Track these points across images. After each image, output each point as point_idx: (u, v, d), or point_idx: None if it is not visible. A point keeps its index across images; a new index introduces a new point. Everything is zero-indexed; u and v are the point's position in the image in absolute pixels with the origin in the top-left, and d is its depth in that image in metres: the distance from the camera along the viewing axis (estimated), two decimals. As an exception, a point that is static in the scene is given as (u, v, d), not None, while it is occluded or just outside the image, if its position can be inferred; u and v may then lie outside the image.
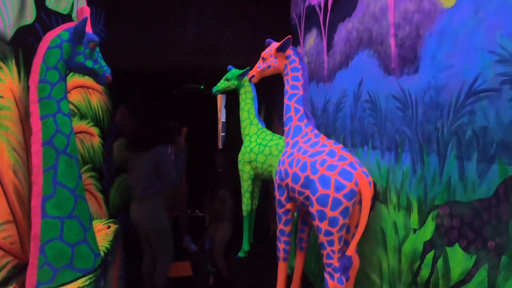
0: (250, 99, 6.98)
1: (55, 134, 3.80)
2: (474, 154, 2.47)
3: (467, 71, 2.55)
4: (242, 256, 7.55)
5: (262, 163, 6.56)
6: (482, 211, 2.41)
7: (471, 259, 2.52)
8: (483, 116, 2.40)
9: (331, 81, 5.26)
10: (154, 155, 5.87)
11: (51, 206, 3.76)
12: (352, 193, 3.53)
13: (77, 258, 3.93)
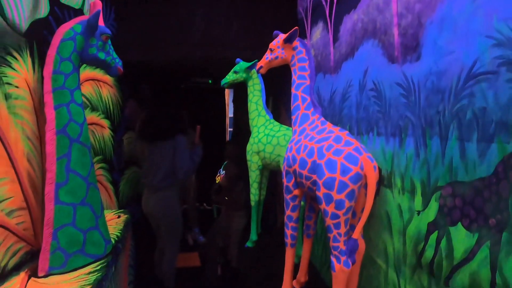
0: (258, 91, 7.08)
1: (68, 123, 3.88)
2: (474, 135, 2.55)
3: (466, 55, 2.64)
4: (250, 246, 7.68)
5: (270, 153, 6.66)
6: (483, 189, 2.48)
7: (473, 237, 2.59)
8: (482, 98, 2.48)
9: (337, 72, 5.33)
10: (172, 145, 5.90)
11: (64, 193, 3.84)
12: (358, 176, 3.60)
13: (88, 244, 4.01)
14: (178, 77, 11.14)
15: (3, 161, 3.40)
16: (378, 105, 4.00)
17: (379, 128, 4.01)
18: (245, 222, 7.66)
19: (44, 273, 3.68)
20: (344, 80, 5.04)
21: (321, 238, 6.08)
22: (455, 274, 2.79)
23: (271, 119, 7.05)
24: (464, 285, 2.70)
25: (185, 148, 5.95)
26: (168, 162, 5.88)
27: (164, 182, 5.92)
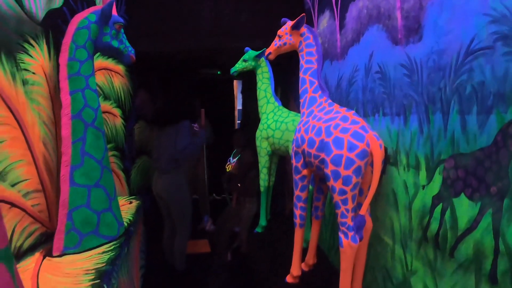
0: (267, 79, 7.19)
1: (83, 108, 4.01)
2: (474, 108, 2.66)
3: (464, 33, 2.75)
4: (260, 231, 7.84)
5: (279, 138, 6.78)
6: (483, 159, 2.59)
7: (476, 206, 2.69)
8: (480, 72, 2.60)
9: (343, 58, 5.43)
10: (176, 129, 6.07)
11: (79, 175, 3.97)
12: (364, 153, 3.71)
13: (102, 225, 4.14)
14: (188, 68, 11.18)
15: (21, 144, 3.52)
16: (383, 87, 4.10)
17: (384, 109, 4.12)
18: (256, 208, 7.78)
19: (58, 253, 3.79)
20: (350, 65, 5.14)
21: (329, 222, 6.18)
22: (460, 244, 2.88)
23: (279, 105, 7.16)
24: (468, 255, 2.79)
25: (187, 132, 6.12)
26: (171, 147, 6.05)
27: (170, 165, 6.08)
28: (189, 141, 6.10)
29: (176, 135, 6.06)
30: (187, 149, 6.07)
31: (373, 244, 4.41)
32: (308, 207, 5.73)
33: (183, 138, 6.06)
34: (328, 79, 6.09)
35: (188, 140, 6.10)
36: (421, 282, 3.43)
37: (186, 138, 6.08)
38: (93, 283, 3.29)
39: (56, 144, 4.19)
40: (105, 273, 3.51)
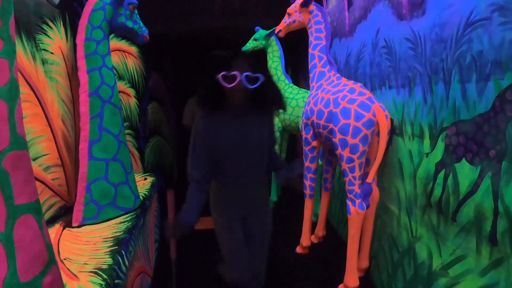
0: (277, 57, 7.31)
1: (101, 86, 4.16)
2: (473, 76, 2.78)
3: (464, 6, 2.87)
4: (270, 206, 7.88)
5: (289, 114, 6.91)
6: (482, 124, 2.71)
7: (476, 170, 2.81)
8: (479, 42, 2.71)
9: (352, 35, 5.55)
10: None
11: (97, 149, 4.13)
12: (371, 122, 3.86)
13: (119, 197, 4.31)
14: (199, 48, 11.28)
15: (41, 120, 3.68)
16: (389, 61, 4.22)
17: (390, 82, 4.23)
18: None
19: (78, 224, 3.97)
20: (358, 41, 5.26)
21: (338, 197, 6.32)
22: (461, 208, 3.00)
23: (290, 83, 7.28)
24: (469, 218, 2.90)
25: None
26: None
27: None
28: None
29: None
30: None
31: (379, 214, 4.54)
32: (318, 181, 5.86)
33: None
34: (337, 57, 6.21)
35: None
36: (425, 248, 3.55)
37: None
38: (112, 249, 3.46)
39: (74, 121, 4.36)
40: (123, 241, 3.66)
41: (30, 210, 1.95)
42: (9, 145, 1.84)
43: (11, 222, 1.83)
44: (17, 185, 1.87)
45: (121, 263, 3.44)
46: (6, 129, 1.83)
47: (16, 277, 1.84)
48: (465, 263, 2.99)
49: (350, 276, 4.39)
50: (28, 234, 1.93)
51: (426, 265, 3.56)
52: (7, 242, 1.81)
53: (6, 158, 1.82)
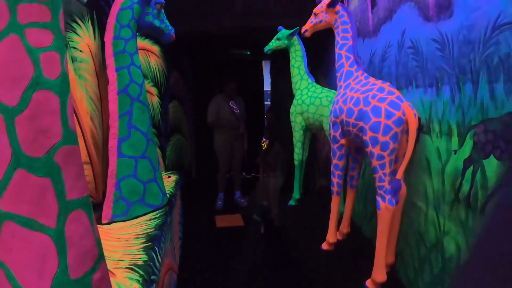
0: (300, 57, 7.48)
1: (129, 84, 4.32)
2: (501, 76, 2.98)
3: (491, 9, 3.08)
4: (293, 204, 8.19)
5: (313, 113, 7.10)
6: (510, 122, 2.91)
7: (504, 165, 2.99)
8: (506, 45, 2.92)
9: (376, 35, 5.74)
10: None
11: (126, 147, 4.28)
12: (400, 120, 4.04)
13: (148, 194, 4.45)
14: (218, 49, 11.43)
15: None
16: (416, 61, 4.41)
17: (417, 81, 4.42)
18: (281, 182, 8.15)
19: (107, 220, 4.14)
20: (383, 41, 5.45)
21: (362, 195, 6.48)
22: (490, 202, 3.17)
23: (313, 82, 7.45)
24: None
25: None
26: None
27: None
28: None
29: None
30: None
31: (406, 211, 4.67)
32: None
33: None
34: (360, 56, 6.33)
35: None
36: (453, 242, 3.69)
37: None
38: (145, 245, 3.59)
39: (101, 118, 4.51)
40: (155, 237, 3.80)
41: (82, 205, 1.97)
42: (62, 139, 1.85)
43: (63, 218, 1.85)
44: (68, 180, 1.89)
45: (155, 259, 3.55)
46: (58, 123, 1.84)
47: (67, 274, 1.85)
48: None
49: (378, 271, 4.50)
50: (79, 230, 1.94)
51: (454, 258, 3.67)
52: (58, 238, 1.83)
53: (58, 153, 1.83)
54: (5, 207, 1.73)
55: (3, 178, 1.72)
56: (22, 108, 1.71)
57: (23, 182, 1.75)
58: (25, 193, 1.75)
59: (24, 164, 1.74)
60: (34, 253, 1.79)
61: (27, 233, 1.77)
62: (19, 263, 1.77)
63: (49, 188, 1.81)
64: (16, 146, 1.71)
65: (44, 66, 1.78)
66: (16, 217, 1.74)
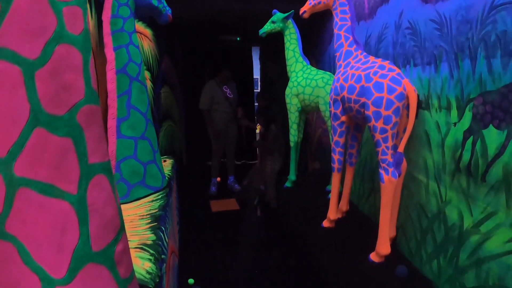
0: (295, 40, 7.72)
1: (128, 63, 4.36)
2: (498, 52, 3.31)
3: (489, -10, 3.42)
4: (289, 186, 8.48)
5: (309, 94, 7.37)
6: (507, 93, 3.21)
7: (503, 134, 3.28)
8: (503, 23, 3.24)
9: (372, 18, 6.03)
10: None
11: (125, 127, 4.33)
12: (402, 95, 4.31)
13: (148, 176, 4.52)
14: (209, 34, 11.62)
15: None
16: (414, 41, 4.71)
17: (415, 60, 4.71)
18: (278, 165, 8.42)
19: (108, 203, 4.25)
20: (380, 23, 5.74)
21: (359, 174, 6.73)
22: (490, 169, 3.41)
23: (308, 64, 7.71)
24: (498, 177, 3.32)
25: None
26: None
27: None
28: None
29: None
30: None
31: (406, 185, 4.90)
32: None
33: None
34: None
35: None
36: (456, 210, 3.95)
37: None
38: (152, 225, 3.70)
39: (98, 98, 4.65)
40: (160, 217, 3.90)
41: (104, 170, 1.86)
42: (84, 98, 1.73)
43: (85, 183, 1.73)
44: (91, 142, 1.77)
45: (163, 239, 3.63)
46: (81, 81, 1.73)
47: (89, 246, 1.74)
48: (496, 218, 3.38)
49: (382, 244, 4.71)
50: (101, 196, 1.84)
51: (457, 226, 3.93)
52: (79, 205, 1.71)
53: (80, 112, 1.71)
54: (20, 172, 1.60)
55: (19, 139, 1.57)
56: (43, 61, 1.59)
57: (42, 142, 1.61)
58: (44, 155, 1.62)
59: (44, 123, 1.60)
60: (52, 223, 1.66)
61: (45, 201, 1.64)
62: (35, 236, 1.64)
63: (71, 149, 1.69)
64: (35, 103, 1.58)
65: (67, 20, 1.69)
66: (33, 183, 1.61)
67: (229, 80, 9.94)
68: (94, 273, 1.78)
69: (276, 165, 8.51)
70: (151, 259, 3.10)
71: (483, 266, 3.56)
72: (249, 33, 8.34)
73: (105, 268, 1.83)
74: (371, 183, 6.30)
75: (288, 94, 7.81)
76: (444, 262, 4.19)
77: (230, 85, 9.96)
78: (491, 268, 3.45)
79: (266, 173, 8.45)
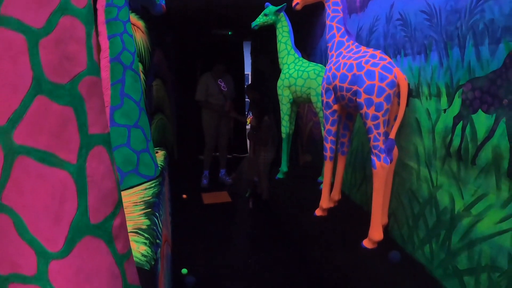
0: (287, 32, 7.85)
1: (122, 52, 4.40)
2: (486, 40, 3.47)
3: (477, -19, 3.59)
4: (281, 177, 8.58)
5: (301, 86, 7.50)
6: (495, 78, 3.37)
7: (492, 117, 3.42)
8: (490, 12, 3.41)
9: (363, 10, 6.19)
10: None
11: (119, 115, 4.38)
12: (393, 83, 4.46)
13: (141, 164, 4.55)
14: (201, 28, 11.71)
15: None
16: (405, 31, 4.87)
17: (406, 50, 4.87)
18: (271, 156, 8.58)
19: (101, 191, 4.26)
20: (371, 16, 5.90)
21: (350, 163, 6.84)
22: (480, 152, 3.55)
23: (299, 56, 7.85)
24: (488, 160, 3.45)
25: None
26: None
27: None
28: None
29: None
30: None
31: (397, 172, 5.03)
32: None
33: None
34: (347, 30, 6.82)
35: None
36: (447, 194, 4.07)
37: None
38: (146, 211, 3.73)
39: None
40: (154, 204, 3.93)
41: (104, 142, 1.86)
42: (86, 69, 1.74)
43: (85, 152, 1.73)
44: (92, 113, 1.78)
45: (157, 224, 3.66)
46: (84, 52, 1.74)
47: (87, 217, 1.74)
48: (486, 200, 3.50)
49: (375, 230, 4.83)
50: (100, 168, 1.83)
51: (449, 210, 4.04)
52: (79, 176, 1.71)
53: (82, 82, 1.73)
54: (20, 139, 1.60)
55: (20, 106, 1.58)
56: (48, 31, 1.60)
57: (44, 110, 1.62)
58: (45, 122, 1.63)
59: (46, 91, 1.61)
60: (51, 193, 1.66)
61: (44, 170, 1.64)
62: (32, 206, 1.64)
63: (72, 118, 1.69)
64: (38, 70, 1.59)
65: None
66: (32, 151, 1.61)
67: (224, 74, 10.09)
68: (92, 247, 1.79)
69: (269, 156, 8.67)
70: (146, 243, 3.13)
71: (475, 248, 3.66)
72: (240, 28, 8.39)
73: (102, 242, 1.84)
74: (362, 173, 6.42)
75: (280, 85, 7.92)
76: (436, 246, 4.28)
77: (225, 78, 10.11)
78: (483, 249, 3.55)
79: (259, 164, 8.59)
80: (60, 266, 1.69)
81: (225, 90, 9.93)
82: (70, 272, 1.71)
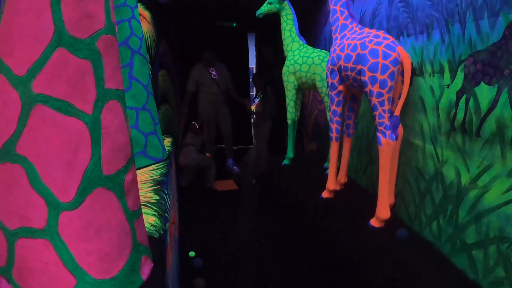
0: (291, 20, 7.94)
1: (130, 36, 4.47)
2: (485, 14, 3.59)
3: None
4: (287, 163, 8.69)
5: (306, 72, 7.60)
6: (496, 50, 3.48)
7: (494, 89, 3.51)
8: (489, -12, 3.56)
9: (366, -5, 6.32)
10: None
11: (127, 98, 4.21)
12: (396, 60, 4.56)
13: (149, 146, 4.63)
14: (205, 19, 11.83)
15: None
16: (407, 13, 5.00)
17: (408, 31, 5.00)
18: (270, 124, 9.26)
19: (110, 172, 4.32)
20: (373, 1, 6.03)
21: (355, 147, 6.91)
22: (484, 124, 3.62)
23: (304, 43, 7.95)
24: (492, 130, 3.52)
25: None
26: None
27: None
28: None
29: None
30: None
31: (403, 151, 5.09)
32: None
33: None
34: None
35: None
36: (453, 168, 4.13)
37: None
38: (154, 188, 3.80)
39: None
40: (162, 182, 4.01)
41: (119, 97, 1.96)
42: (104, 27, 1.87)
43: (100, 105, 1.83)
44: (108, 69, 1.88)
45: (166, 199, 3.69)
46: (102, 12, 1.86)
47: (99, 168, 1.82)
48: (492, 170, 3.55)
49: (382, 208, 4.89)
50: (115, 122, 1.91)
51: (455, 183, 4.08)
52: (94, 126, 1.79)
53: (100, 39, 1.84)
54: (38, 88, 1.70)
55: (41, 57, 1.69)
56: None
57: (63, 61, 1.72)
58: (63, 73, 1.72)
59: (66, 43, 1.72)
60: (66, 141, 1.74)
61: (60, 118, 1.72)
62: (46, 154, 1.72)
63: (89, 71, 1.80)
64: (60, 24, 1.70)
65: None
66: (50, 100, 1.70)
67: (215, 62, 10.17)
68: (103, 200, 1.87)
69: (268, 125, 9.29)
70: (155, 214, 3.20)
71: (482, 220, 3.70)
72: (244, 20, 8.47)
73: (114, 195, 1.92)
74: (368, 156, 6.51)
75: (285, 72, 8.01)
76: (444, 222, 4.32)
77: (217, 66, 10.18)
78: (491, 220, 3.58)
79: (260, 135, 9.25)
80: (71, 217, 1.78)
81: (217, 78, 10.03)
82: (80, 224, 1.80)
